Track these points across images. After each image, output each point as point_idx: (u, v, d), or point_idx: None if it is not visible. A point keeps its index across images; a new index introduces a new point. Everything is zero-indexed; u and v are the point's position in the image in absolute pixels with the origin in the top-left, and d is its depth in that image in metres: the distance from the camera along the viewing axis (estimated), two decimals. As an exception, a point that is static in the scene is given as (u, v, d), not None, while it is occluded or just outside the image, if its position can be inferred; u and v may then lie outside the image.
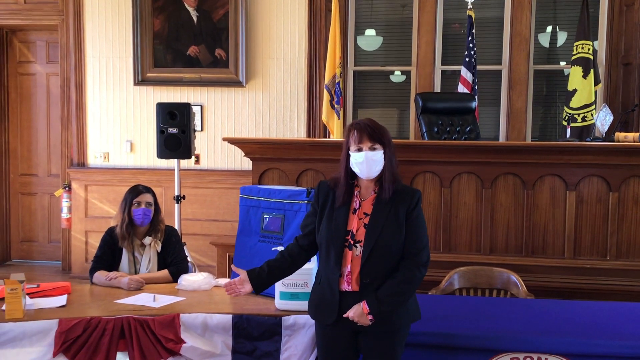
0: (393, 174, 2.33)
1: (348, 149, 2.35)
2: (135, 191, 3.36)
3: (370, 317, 2.25)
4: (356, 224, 2.34)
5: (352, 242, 2.32)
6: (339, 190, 2.37)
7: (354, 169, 2.34)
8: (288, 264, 2.50)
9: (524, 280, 3.23)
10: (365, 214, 2.34)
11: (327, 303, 2.36)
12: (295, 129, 5.92)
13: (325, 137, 5.79)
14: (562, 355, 2.47)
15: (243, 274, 2.49)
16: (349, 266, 2.32)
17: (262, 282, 2.48)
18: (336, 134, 5.55)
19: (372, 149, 2.30)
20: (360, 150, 2.31)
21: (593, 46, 5.37)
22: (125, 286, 3.09)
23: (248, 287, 2.47)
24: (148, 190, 3.40)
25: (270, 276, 2.49)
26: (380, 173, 2.34)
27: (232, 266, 2.67)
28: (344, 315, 2.29)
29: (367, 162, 2.30)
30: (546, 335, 2.53)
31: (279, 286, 2.72)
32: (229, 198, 5.82)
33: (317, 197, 2.44)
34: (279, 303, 2.73)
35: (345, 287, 2.33)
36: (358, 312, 2.27)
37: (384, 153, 2.32)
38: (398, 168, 2.38)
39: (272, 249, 2.83)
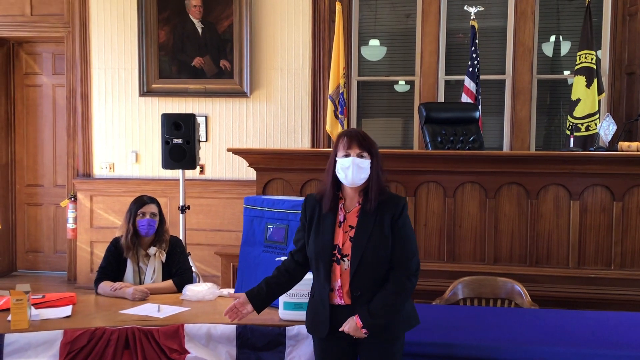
0: (379, 185, 2.32)
1: (335, 156, 2.35)
2: (140, 202, 3.38)
3: (364, 330, 2.25)
4: (342, 238, 2.33)
5: (339, 256, 2.31)
6: (325, 199, 2.37)
7: (339, 175, 2.33)
8: (286, 280, 2.50)
9: (528, 290, 3.22)
10: (350, 226, 2.33)
11: (319, 317, 2.36)
12: (299, 139, 5.94)
13: (329, 147, 5.80)
14: (566, 366, 2.46)
15: (242, 297, 2.49)
16: (339, 280, 2.31)
17: (262, 301, 2.48)
18: (340, 144, 5.55)
19: (360, 155, 2.30)
20: (347, 155, 2.31)
21: (596, 55, 5.38)
22: (130, 296, 3.10)
23: (249, 307, 2.48)
24: (153, 200, 3.42)
25: (270, 294, 2.49)
26: (365, 183, 2.33)
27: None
28: (340, 330, 2.29)
29: (353, 168, 2.29)
30: (550, 346, 2.53)
31: (283, 296, 2.72)
32: (233, 208, 5.83)
33: (305, 211, 2.44)
34: (283, 313, 2.73)
35: (338, 300, 2.33)
36: (352, 327, 2.26)
37: (371, 163, 2.32)
38: (386, 181, 2.38)
39: (276, 259, 2.83)
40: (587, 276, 3.83)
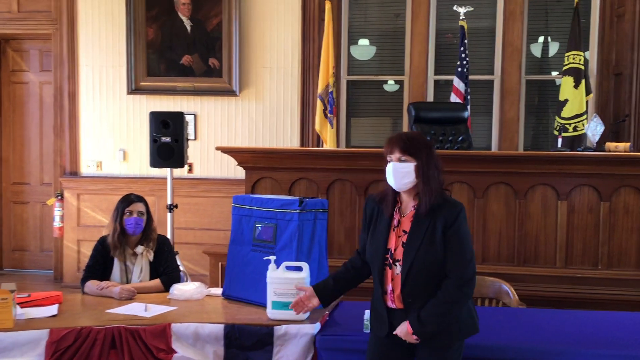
0: (431, 189, 2.24)
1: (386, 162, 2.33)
2: (127, 200, 3.35)
3: (414, 336, 2.23)
4: (394, 242, 2.31)
5: (391, 261, 2.30)
6: (384, 202, 2.35)
7: (388, 180, 2.31)
8: (351, 276, 2.52)
9: (516, 290, 3.23)
10: (404, 231, 2.30)
11: (379, 317, 2.37)
12: (288, 138, 5.93)
13: (318, 146, 5.80)
14: (553, 365, 2.47)
15: (309, 290, 2.52)
16: (390, 285, 2.30)
17: (328, 295, 2.52)
18: (329, 143, 5.56)
19: (401, 160, 2.26)
20: (390, 161, 2.29)
21: (584, 56, 5.41)
22: (116, 296, 3.08)
23: (315, 301, 2.51)
24: (140, 199, 3.39)
25: (336, 289, 2.52)
26: (416, 187, 2.28)
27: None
28: (394, 333, 2.29)
29: (394, 173, 2.26)
30: (537, 345, 2.53)
31: (271, 296, 2.72)
32: (222, 207, 5.81)
33: (365, 212, 2.45)
34: (271, 313, 2.72)
35: (390, 304, 2.32)
36: (403, 332, 2.26)
37: (416, 166, 2.25)
38: (440, 184, 2.29)
39: (264, 258, 2.82)
40: (575, 276, 3.85)
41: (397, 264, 2.28)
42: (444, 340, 2.28)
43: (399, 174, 2.26)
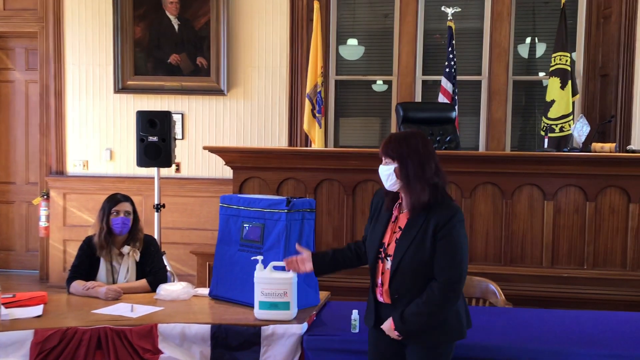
0: (413, 189, 2.23)
1: None
2: (114, 200, 3.33)
3: (396, 333, 2.26)
4: (389, 237, 2.33)
5: (384, 255, 2.33)
6: (387, 198, 2.38)
7: None
8: (351, 256, 2.55)
9: (503, 289, 3.25)
10: (399, 227, 2.32)
11: (369, 308, 2.42)
12: (276, 138, 5.92)
13: (306, 146, 5.80)
14: (539, 364, 2.49)
15: (307, 254, 2.53)
16: (380, 278, 2.33)
17: (324, 265, 2.53)
18: (317, 143, 5.56)
19: (384, 162, 2.31)
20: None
21: (571, 57, 5.45)
22: (102, 296, 3.06)
23: (309, 266, 2.52)
24: (127, 198, 3.37)
25: (332, 262, 2.54)
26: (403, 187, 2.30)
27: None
28: (381, 327, 2.32)
29: (380, 175, 2.32)
30: (524, 344, 2.55)
31: (258, 296, 2.71)
32: (209, 207, 5.79)
33: (372, 204, 2.49)
34: (258, 313, 2.72)
35: (380, 298, 2.35)
36: (387, 327, 2.29)
37: (396, 168, 2.25)
38: (434, 182, 2.24)
39: (252, 258, 2.82)
40: (561, 275, 3.88)
41: (388, 258, 2.31)
42: (429, 341, 2.29)
43: (384, 176, 2.31)
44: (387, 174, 2.28)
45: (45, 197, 6.07)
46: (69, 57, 6.09)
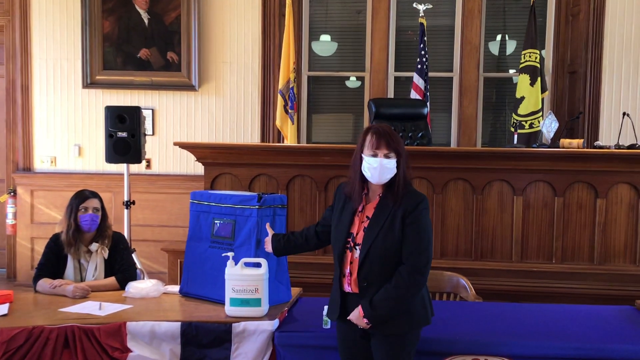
0: (405, 182, 2.34)
1: (362, 152, 2.36)
2: (82, 196, 3.27)
3: (365, 320, 2.27)
4: (357, 227, 2.37)
5: (352, 244, 2.36)
6: (354, 195, 2.39)
7: (365, 173, 2.35)
8: (300, 242, 2.65)
9: (473, 284, 3.28)
10: (367, 217, 2.36)
11: (334, 300, 2.43)
12: (248, 134, 5.89)
13: (279, 142, 5.78)
14: (507, 357, 2.51)
15: (270, 236, 2.71)
16: (349, 268, 2.36)
17: (279, 248, 2.68)
18: (290, 139, 5.54)
19: (387, 156, 2.31)
20: (375, 155, 2.32)
21: (540, 55, 5.52)
22: (70, 294, 3.01)
23: (269, 247, 2.70)
24: (95, 195, 3.32)
25: (287, 246, 2.67)
26: (390, 180, 2.34)
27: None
28: (347, 318, 2.34)
29: (380, 169, 2.31)
30: (493, 338, 2.57)
31: (229, 292, 2.69)
32: (181, 203, 5.72)
33: (335, 197, 2.52)
34: (229, 310, 2.70)
35: (347, 288, 2.37)
36: (355, 315, 2.31)
37: (398, 162, 2.32)
38: (411, 177, 2.40)
39: (223, 254, 2.80)
40: (530, 270, 3.93)
41: (357, 247, 2.34)
42: (395, 329, 2.32)
43: (385, 170, 2.32)
44: (390, 167, 2.32)
45: (12, 194, 5.95)
46: (36, 52, 5.97)
